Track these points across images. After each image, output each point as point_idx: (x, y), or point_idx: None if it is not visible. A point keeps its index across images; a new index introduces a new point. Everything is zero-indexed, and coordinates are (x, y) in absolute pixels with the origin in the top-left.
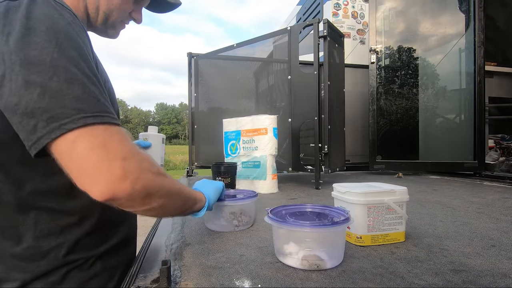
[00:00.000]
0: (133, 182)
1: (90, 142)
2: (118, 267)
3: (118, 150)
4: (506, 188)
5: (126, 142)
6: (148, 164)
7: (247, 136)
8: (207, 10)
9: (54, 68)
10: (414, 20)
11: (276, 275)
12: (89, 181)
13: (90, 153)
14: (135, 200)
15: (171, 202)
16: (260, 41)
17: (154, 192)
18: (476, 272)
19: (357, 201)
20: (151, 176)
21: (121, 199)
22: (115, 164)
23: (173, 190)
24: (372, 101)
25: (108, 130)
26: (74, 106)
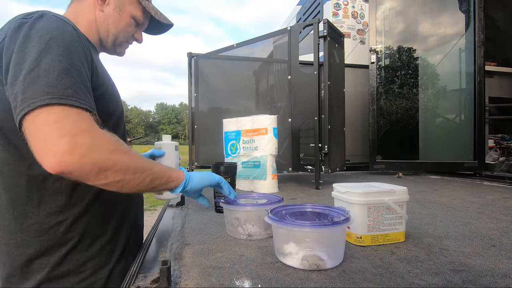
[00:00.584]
0: (80, 156)
1: (45, 118)
2: (114, 251)
3: (70, 127)
4: (506, 188)
5: (82, 122)
6: (103, 142)
7: (247, 136)
8: (207, 10)
9: (38, 61)
10: (414, 20)
11: (276, 275)
12: (40, 154)
13: (44, 128)
14: (88, 174)
15: (132, 178)
16: (260, 41)
17: (108, 167)
18: (476, 272)
19: (357, 201)
20: (104, 152)
21: (71, 173)
22: (64, 139)
23: (133, 166)
24: (372, 101)
25: (68, 110)
26: (44, 90)
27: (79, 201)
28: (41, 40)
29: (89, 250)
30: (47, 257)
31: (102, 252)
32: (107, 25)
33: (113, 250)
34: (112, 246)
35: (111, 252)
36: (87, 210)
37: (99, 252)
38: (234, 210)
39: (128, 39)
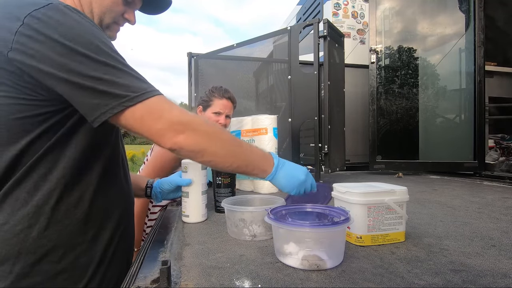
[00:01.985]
0: (185, 137)
1: (151, 117)
2: (90, 264)
3: (172, 116)
4: (506, 188)
5: (174, 108)
6: (197, 123)
7: (247, 136)
8: (206, 10)
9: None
10: (414, 20)
11: (276, 275)
12: (161, 142)
13: (154, 124)
14: (190, 152)
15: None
16: (260, 41)
17: (202, 148)
18: (476, 272)
19: (357, 201)
20: (200, 134)
21: (182, 149)
22: (173, 127)
23: (225, 151)
24: (372, 101)
25: (159, 103)
26: (136, 85)
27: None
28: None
29: (62, 261)
30: (11, 264)
31: (76, 264)
32: (90, 4)
33: (89, 263)
34: (88, 258)
35: (87, 265)
36: (66, 215)
37: (72, 264)
38: (239, 211)
39: (118, 20)
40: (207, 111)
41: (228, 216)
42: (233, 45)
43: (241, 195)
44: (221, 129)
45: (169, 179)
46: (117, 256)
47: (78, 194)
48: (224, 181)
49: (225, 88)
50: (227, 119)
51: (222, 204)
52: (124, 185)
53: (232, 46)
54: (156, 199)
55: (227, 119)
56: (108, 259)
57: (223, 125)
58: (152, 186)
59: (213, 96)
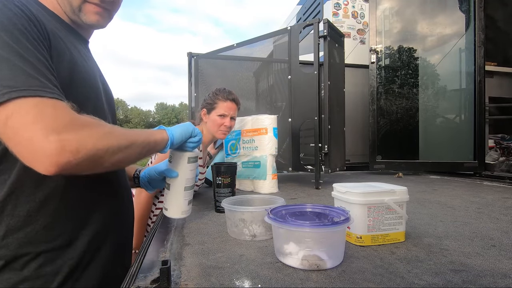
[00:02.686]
0: (74, 154)
1: (21, 120)
2: (56, 274)
3: (50, 125)
4: (506, 188)
5: (59, 115)
6: (89, 131)
7: (247, 136)
8: (206, 10)
9: None
10: (414, 20)
11: (276, 275)
12: (30, 159)
13: (23, 131)
14: (86, 166)
15: (127, 155)
16: (260, 41)
17: (102, 154)
18: (476, 272)
19: (357, 201)
20: (94, 141)
21: (69, 170)
22: (51, 139)
23: (124, 143)
24: (372, 101)
25: (40, 105)
26: (2, 83)
27: (14, 209)
28: None
29: (25, 269)
30: None
31: (39, 273)
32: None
33: (55, 273)
34: (54, 268)
35: (53, 274)
36: (26, 222)
37: (36, 273)
38: (239, 211)
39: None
40: (212, 113)
41: (228, 216)
42: (233, 45)
43: (241, 195)
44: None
45: (156, 167)
46: (93, 267)
47: (41, 199)
48: (224, 181)
49: (229, 90)
50: (232, 121)
51: (222, 204)
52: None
53: (232, 46)
54: (147, 188)
55: (232, 121)
56: (82, 269)
57: (228, 127)
58: (139, 176)
59: (217, 99)
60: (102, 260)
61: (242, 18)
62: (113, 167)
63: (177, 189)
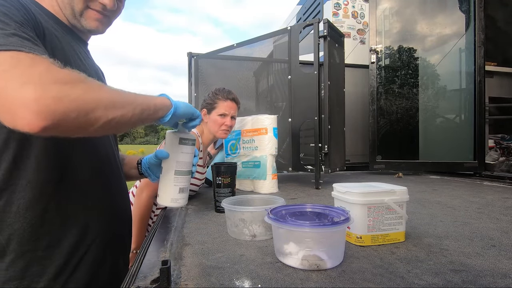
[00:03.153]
0: (57, 101)
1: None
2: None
3: (27, 73)
4: (506, 188)
5: (39, 64)
6: (72, 80)
7: (247, 136)
8: (206, 10)
9: None
10: (414, 20)
11: (276, 275)
12: (8, 113)
13: (0, 82)
14: (77, 121)
15: (124, 113)
16: (260, 41)
17: (93, 106)
18: (476, 272)
19: (357, 201)
20: (80, 91)
21: (56, 124)
22: (29, 87)
23: (118, 100)
24: (372, 101)
25: (16, 56)
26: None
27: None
28: None
29: (10, 269)
30: None
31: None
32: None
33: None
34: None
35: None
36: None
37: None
38: (239, 211)
39: (90, 4)
40: (212, 113)
41: (228, 216)
42: (233, 45)
43: (241, 195)
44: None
45: (155, 152)
46: (81, 270)
47: (30, 196)
48: (224, 181)
49: (228, 90)
50: (233, 120)
51: (222, 204)
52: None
53: (232, 46)
54: (149, 176)
55: (233, 120)
56: (70, 270)
57: (229, 126)
58: (141, 162)
59: (217, 99)
60: (91, 260)
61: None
62: (109, 128)
63: (167, 172)
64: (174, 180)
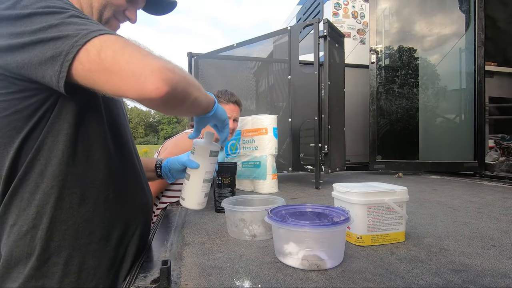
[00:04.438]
0: (171, 71)
1: (112, 48)
2: (98, 267)
3: (138, 50)
4: (506, 188)
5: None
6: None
7: (247, 136)
8: (206, 10)
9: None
10: (414, 20)
11: (276, 275)
12: (135, 81)
13: (120, 56)
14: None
15: (200, 95)
16: (260, 41)
17: (188, 83)
18: (476, 272)
19: (357, 201)
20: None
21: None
22: (149, 58)
23: (197, 84)
24: (372, 101)
25: (120, 38)
26: (77, 28)
27: (58, 202)
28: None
29: (69, 263)
30: (23, 266)
31: (82, 267)
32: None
33: (97, 265)
34: (96, 260)
35: (95, 268)
36: (68, 215)
37: (79, 266)
38: (239, 211)
39: (118, 15)
40: None
41: (228, 216)
42: (233, 45)
43: (241, 195)
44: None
45: (178, 158)
46: (127, 260)
47: (81, 191)
48: (224, 181)
49: (231, 92)
50: (235, 123)
51: (222, 204)
52: (135, 180)
53: (232, 46)
54: (167, 178)
55: (235, 122)
56: (119, 262)
57: (232, 129)
58: (161, 165)
59: (219, 101)
60: (134, 250)
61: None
62: (192, 107)
63: (196, 180)
64: (202, 187)
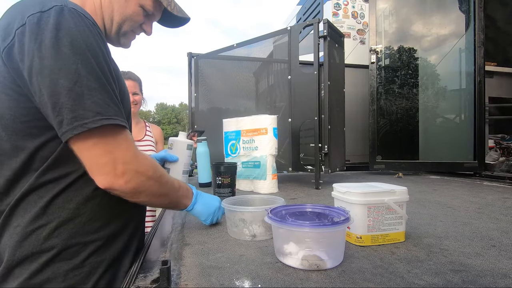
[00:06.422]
0: (127, 182)
1: (102, 149)
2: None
3: (122, 156)
4: (506, 188)
5: (130, 148)
6: (145, 168)
7: (247, 136)
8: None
9: (77, 76)
10: (414, 20)
11: (276, 275)
12: (96, 175)
13: (101, 157)
14: (127, 194)
15: (156, 201)
16: (260, 41)
17: (142, 191)
18: (476, 272)
19: (357, 201)
20: (144, 178)
21: (116, 191)
22: (117, 167)
23: (160, 192)
24: (372, 101)
25: (118, 138)
26: (94, 109)
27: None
28: (74, 47)
29: (74, 259)
30: (27, 264)
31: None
32: (112, 11)
33: (101, 261)
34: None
35: (98, 263)
36: (74, 214)
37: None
38: (239, 211)
39: (135, 29)
40: None
41: (228, 216)
42: (233, 45)
43: (241, 195)
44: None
45: (156, 154)
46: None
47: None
48: (224, 181)
49: (124, 71)
50: (136, 96)
51: (222, 204)
52: None
53: (232, 46)
54: None
55: (136, 96)
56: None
57: (132, 101)
58: None
59: None
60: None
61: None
62: (139, 202)
63: (176, 172)
64: (182, 178)
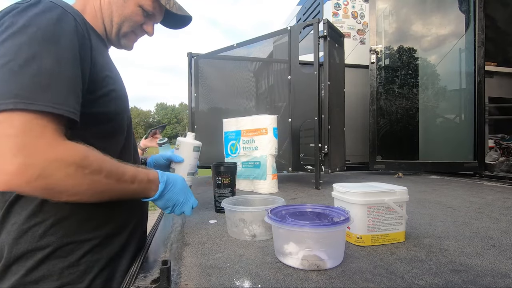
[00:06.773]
0: (30, 181)
1: (5, 128)
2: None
3: (28, 145)
4: (506, 188)
5: (44, 138)
6: (61, 164)
7: (247, 136)
8: (205, 11)
9: (16, 55)
10: (414, 20)
11: (276, 275)
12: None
13: (1, 139)
14: (40, 195)
15: (89, 199)
16: (260, 41)
17: (62, 190)
18: (476, 272)
19: (357, 201)
20: (60, 176)
21: (18, 191)
22: (17, 160)
23: (92, 189)
24: (372, 101)
25: (32, 121)
26: (13, 91)
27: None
28: (26, 31)
29: (69, 257)
30: (24, 261)
31: (82, 261)
32: (111, 12)
33: (97, 260)
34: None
35: (94, 262)
36: (70, 213)
37: (79, 260)
38: (239, 211)
39: (135, 30)
40: None
41: (228, 216)
42: (233, 45)
43: (241, 195)
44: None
45: (163, 154)
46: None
47: None
48: (224, 181)
49: None
50: None
51: (222, 204)
52: None
53: (232, 46)
54: None
55: None
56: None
57: None
58: (146, 162)
59: None
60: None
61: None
62: (72, 202)
63: (181, 173)
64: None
